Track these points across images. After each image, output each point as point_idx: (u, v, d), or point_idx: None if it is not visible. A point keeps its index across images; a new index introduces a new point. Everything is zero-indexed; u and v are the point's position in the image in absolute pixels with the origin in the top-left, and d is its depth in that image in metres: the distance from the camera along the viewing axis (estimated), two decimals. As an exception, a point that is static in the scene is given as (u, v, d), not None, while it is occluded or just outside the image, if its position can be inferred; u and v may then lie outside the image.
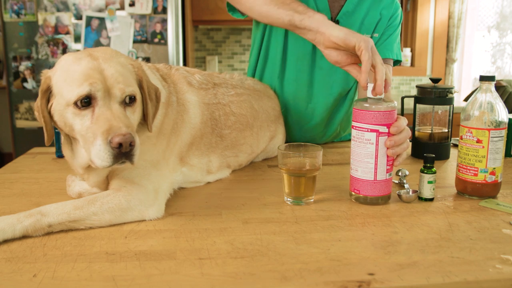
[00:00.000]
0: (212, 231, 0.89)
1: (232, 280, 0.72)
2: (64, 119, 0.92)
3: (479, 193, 1.07)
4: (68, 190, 1.08)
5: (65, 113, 0.91)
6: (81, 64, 0.90)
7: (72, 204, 0.90)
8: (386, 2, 1.50)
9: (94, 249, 0.81)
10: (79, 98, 0.88)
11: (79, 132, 0.90)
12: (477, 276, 0.73)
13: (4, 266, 0.76)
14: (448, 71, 3.90)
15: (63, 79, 0.91)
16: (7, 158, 4.11)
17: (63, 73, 0.91)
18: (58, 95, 0.91)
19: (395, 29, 1.52)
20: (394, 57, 1.52)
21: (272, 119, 1.42)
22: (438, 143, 1.43)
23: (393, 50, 1.52)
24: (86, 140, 0.89)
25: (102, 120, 0.87)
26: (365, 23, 1.48)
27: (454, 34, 3.82)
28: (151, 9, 2.93)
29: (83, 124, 0.89)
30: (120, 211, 0.92)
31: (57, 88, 0.92)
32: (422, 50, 3.86)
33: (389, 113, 1.00)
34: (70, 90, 0.89)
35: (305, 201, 1.04)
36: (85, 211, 0.89)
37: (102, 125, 0.86)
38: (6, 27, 2.94)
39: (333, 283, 0.71)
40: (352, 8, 1.47)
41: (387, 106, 1.00)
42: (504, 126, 1.05)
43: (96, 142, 0.86)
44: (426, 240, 0.86)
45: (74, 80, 0.89)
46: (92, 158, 0.87)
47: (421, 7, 3.79)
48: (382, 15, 1.49)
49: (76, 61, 0.91)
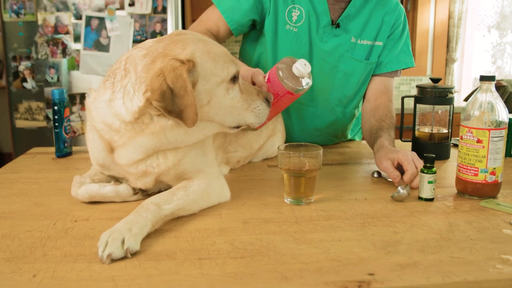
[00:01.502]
0: (212, 231, 0.89)
1: (232, 280, 0.72)
2: (211, 96, 0.95)
3: (479, 193, 1.07)
4: (73, 190, 1.05)
5: (216, 90, 0.95)
6: (218, 47, 0.98)
7: (173, 194, 0.96)
8: (390, 7, 1.48)
9: (94, 249, 0.81)
10: (235, 74, 0.98)
11: (230, 104, 0.98)
12: (477, 276, 0.73)
13: (4, 266, 0.76)
14: (448, 71, 3.90)
15: (211, 59, 0.94)
16: (7, 158, 4.11)
17: (208, 56, 0.94)
18: (211, 74, 0.94)
19: (398, 37, 1.50)
20: (403, 67, 1.52)
21: None
22: (438, 143, 1.43)
23: (400, 61, 1.51)
24: (236, 109, 1.00)
25: (250, 88, 1.04)
26: (366, 28, 1.46)
27: (454, 34, 3.82)
28: (151, 9, 2.92)
29: (235, 96, 0.99)
30: (207, 196, 1.01)
31: (205, 70, 0.94)
32: (422, 50, 3.86)
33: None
34: (223, 68, 0.96)
35: (305, 201, 1.04)
36: (186, 199, 0.96)
37: (253, 91, 1.04)
38: (6, 27, 2.94)
39: (333, 283, 0.71)
40: (354, 11, 1.45)
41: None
42: (504, 126, 1.05)
43: (255, 104, 1.03)
44: (426, 240, 0.86)
45: (224, 61, 0.96)
46: (248, 122, 1.03)
47: (421, 7, 3.79)
48: (384, 22, 1.47)
49: (205, 42, 0.96)
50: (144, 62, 0.91)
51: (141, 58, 0.92)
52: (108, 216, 0.97)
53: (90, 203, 1.04)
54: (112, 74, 0.96)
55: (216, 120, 0.99)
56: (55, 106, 1.41)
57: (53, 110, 1.41)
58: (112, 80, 0.95)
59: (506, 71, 4.02)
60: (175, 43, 0.93)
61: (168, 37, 0.96)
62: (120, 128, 0.94)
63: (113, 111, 0.93)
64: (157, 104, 0.87)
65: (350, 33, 1.46)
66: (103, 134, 0.97)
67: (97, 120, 0.97)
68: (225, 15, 1.43)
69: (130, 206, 1.01)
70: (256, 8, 1.42)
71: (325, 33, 1.44)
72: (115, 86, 0.94)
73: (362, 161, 1.42)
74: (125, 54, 0.98)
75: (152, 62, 0.90)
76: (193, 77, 0.91)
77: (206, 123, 0.99)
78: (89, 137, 1.05)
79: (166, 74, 0.86)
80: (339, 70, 1.48)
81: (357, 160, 1.43)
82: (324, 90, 1.51)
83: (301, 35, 1.44)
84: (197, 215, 0.97)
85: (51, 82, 2.99)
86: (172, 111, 0.88)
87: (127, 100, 0.92)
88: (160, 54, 0.91)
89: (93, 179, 1.07)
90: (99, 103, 0.96)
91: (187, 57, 0.89)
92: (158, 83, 0.86)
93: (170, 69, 0.86)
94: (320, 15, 1.43)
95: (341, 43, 1.46)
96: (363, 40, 1.47)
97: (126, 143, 0.95)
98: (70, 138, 1.46)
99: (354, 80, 1.51)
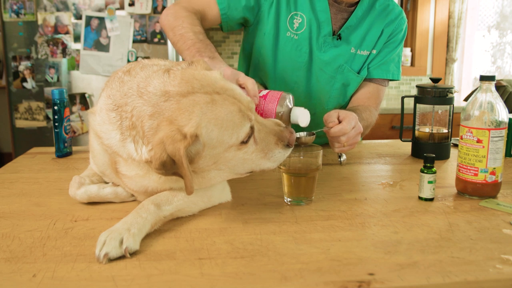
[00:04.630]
0: (212, 231, 0.89)
1: (232, 280, 0.72)
2: (218, 159, 0.91)
3: (479, 193, 1.07)
4: (71, 191, 1.05)
5: (224, 154, 0.90)
6: (228, 107, 0.88)
7: (173, 195, 0.95)
8: (391, 18, 1.46)
9: (94, 249, 0.80)
10: (245, 137, 0.90)
11: (241, 158, 0.92)
12: (477, 276, 0.73)
13: (4, 266, 0.76)
14: (448, 71, 3.90)
15: (218, 127, 0.87)
16: (7, 158, 4.11)
17: (215, 125, 0.86)
18: (217, 143, 0.88)
19: (395, 46, 1.49)
20: (390, 77, 1.51)
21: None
22: (438, 143, 1.43)
23: (389, 70, 1.50)
24: (249, 161, 0.94)
25: (267, 137, 0.95)
26: (366, 39, 1.45)
27: (454, 34, 3.82)
28: (151, 9, 2.92)
29: (248, 151, 0.92)
30: (208, 198, 1.00)
31: (212, 139, 0.87)
32: (422, 50, 3.86)
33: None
34: (231, 134, 0.88)
35: (305, 201, 1.04)
36: (186, 200, 0.96)
37: (271, 140, 0.95)
38: (6, 26, 2.94)
39: (333, 283, 0.71)
40: (356, 22, 1.44)
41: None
42: (504, 126, 1.05)
43: (272, 153, 0.95)
44: (426, 240, 0.86)
45: (233, 126, 0.88)
46: (263, 168, 0.96)
47: (421, 6, 3.79)
48: (384, 32, 1.46)
49: (213, 106, 0.87)
50: (150, 124, 0.86)
51: (148, 118, 0.86)
52: (108, 216, 0.97)
53: (90, 203, 1.04)
54: (117, 109, 0.90)
55: (225, 170, 0.95)
56: (55, 106, 1.41)
57: (53, 110, 1.41)
58: (119, 121, 0.90)
59: (506, 71, 4.01)
60: (182, 110, 0.84)
61: (176, 94, 0.86)
62: (131, 162, 0.92)
63: (126, 151, 0.91)
64: (157, 171, 0.85)
65: (350, 44, 1.45)
66: (111, 154, 0.95)
67: (106, 144, 0.94)
68: (221, 7, 1.39)
69: (130, 206, 1.01)
70: (253, 8, 1.41)
71: (325, 43, 1.44)
72: (123, 132, 0.90)
73: (362, 161, 1.42)
74: (130, 97, 0.89)
75: (157, 126, 0.85)
76: (197, 148, 0.86)
77: (215, 171, 0.95)
78: (93, 145, 1.02)
79: (167, 145, 0.82)
80: (337, 80, 1.48)
81: (357, 160, 1.43)
82: (321, 100, 1.51)
83: (301, 43, 1.43)
84: (197, 215, 0.97)
85: (51, 82, 2.99)
86: (175, 174, 0.86)
87: (138, 148, 0.89)
88: (165, 120, 0.84)
89: (91, 179, 1.07)
90: (110, 139, 0.92)
91: (191, 132, 0.82)
92: (159, 153, 0.82)
93: (170, 142, 0.81)
94: (322, 24, 1.42)
95: (341, 53, 1.45)
96: (363, 50, 1.46)
97: (135, 177, 0.95)
98: (70, 138, 1.46)
99: (350, 92, 1.51)
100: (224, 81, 0.93)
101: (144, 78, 0.90)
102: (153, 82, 0.89)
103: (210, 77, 0.91)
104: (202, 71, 0.92)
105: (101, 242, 0.80)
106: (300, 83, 1.49)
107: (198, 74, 0.90)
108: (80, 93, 3.00)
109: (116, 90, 0.92)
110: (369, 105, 1.47)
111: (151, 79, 0.89)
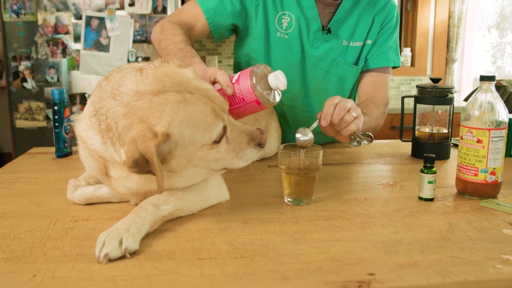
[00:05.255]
0: (212, 231, 0.89)
1: (232, 280, 0.72)
2: (191, 157, 0.91)
3: (479, 193, 1.07)
4: (69, 194, 1.05)
5: (197, 153, 0.91)
6: (200, 107, 0.88)
7: (171, 195, 0.95)
8: (380, 6, 1.47)
9: (94, 249, 0.80)
10: (218, 137, 0.91)
11: (213, 157, 0.93)
12: (477, 276, 0.73)
13: (4, 266, 0.76)
14: (448, 71, 3.90)
15: (190, 126, 0.87)
16: (7, 158, 4.11)
17: (187, 124, 0.86)
18: (189, 142, 0.88)
19: (390, 33, 1.49)
20: (391, 64, 1.51)
21: (262, 113, 1.39)
22: (438, 143, 1.43)
23: (389, 58, 1.50)
24: (221, 160, 0.95)
25: (239, 136, 0.96)
26: (357, 30, 1.46)
27: (454, 34, 3.82)
28: (151, 9, 2.92)
29: (219, 150, 0.93)
30: (206, 197, 1.01)
31: (184, 138, 0.87)
32: (422, 50, 3.86)
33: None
34: (204, 134, 0.89)
35: (305, 201, 1.04)
36: (184, 200, 0.96)
37: (243, 140, 0.96)
38: (6, 27, 2.94)
39: (333, 283, 0.71)
40: (344, 15, 1.44)
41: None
42: (505, 126, 1.05)
43: (244, 153, 0.96)
44: (426, 240, 0.86)
45: (205, 126, 0.89)
46: (235, 167, 0.97)
47: (421, 7, 3.79)
48: (374, 21, 1.47)
49: (185, 105, 0.86)
50: (123, 124, 0.86)
51: (121, 118, 0.86)
52: (108, 216, 0.97)
53: (89, 203, 1.04)
54: (96, 114, 0.91)
55: (202, 166, 0.95)
56: (55, 106, 1.41)
57: (53, 110, 1.41)
58: (98, 125, 0.90)
59: (506, 71, 4.01)
60: (153, 109, 0.84)
61: (148, 93, 0.86)
62: (116, 164, 0.92)
63: (108, 154, 0.90)
64: (131, 170, 0.84)
65: (341, 37, 1.46)
66: (98, 160, 0.95)
67: (91, 149, 0.94)
68: (207, 15, 1.40)
69: (129, 206, 1.01)
70: (240, 13, 1.41)
71: (316, 39, 1.44)
72: (103, 135, 0.89)
73: (362, 161, 1.42)
74: (105, 100, 0.89)
75: (130, 125, 0.85)
76: (169, 147, 0.86)
77: (194, 169, 0.95)
78: (80, 152, 1.01)
79: (138, 143, 0.82)
80: (332, 75, 1.48)
81: (357, 160, 1.43)
82: (319, 96, 1.51)
83: (292, 42, 1.44)
84: (197, 215, 0.97)
85: (51, 82, 2.99)
86: (149, 173, 0.86)
87: (116, 149, 0.89)
88: (137, 119, 0.84)
89: (88, 181, 1.07)
90: (94, 144, 0.92)
91: (162, 130, 0.83)
92: (131, 151, 0.82)
93: (141, 140, 0.81)
94: (310, 21, 1.43)
95: (333, 47, 1.45)
96: (355, 42, 1.47)
97: (119, 179, 0.94)
98: (70, 138, 1.46)
99: (348, 84, 1.51)
100: (198, 80, 0.93)
101: (118, 80, 0.90)
102: (125, 82, 0.89)
103: (182, 75, 0.91)
104: (174, 69, 0.92)
105: (100, 242, 0.80)
106: (296, 81, 1.49)
107: (171, 72, 0.90)
108: (80, 93, 3.01)
109: (95, 96, 0.93)
110: (376, 99, 1.47)
111: (123, 80, 0.90)
